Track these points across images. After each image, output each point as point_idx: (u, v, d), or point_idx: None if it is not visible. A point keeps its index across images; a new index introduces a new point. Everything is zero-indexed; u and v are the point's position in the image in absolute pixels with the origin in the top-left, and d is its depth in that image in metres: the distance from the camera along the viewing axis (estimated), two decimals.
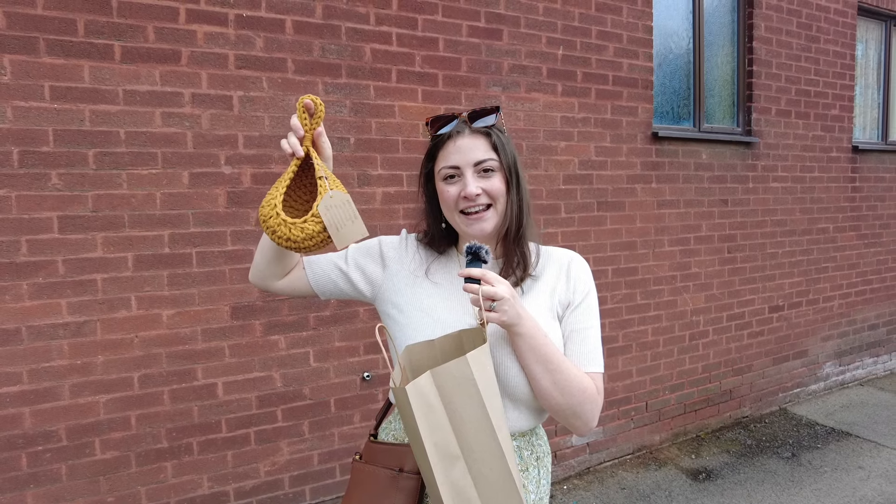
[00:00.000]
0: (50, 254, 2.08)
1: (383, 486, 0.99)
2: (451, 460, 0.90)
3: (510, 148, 1.11)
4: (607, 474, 3.28)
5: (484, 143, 1.08)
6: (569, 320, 1.12)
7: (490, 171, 1.07)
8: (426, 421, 0.88)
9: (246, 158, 2.36)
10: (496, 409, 0.91)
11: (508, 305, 0.96)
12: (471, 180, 1.06)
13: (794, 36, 3.94)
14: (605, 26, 3.16)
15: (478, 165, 1.06)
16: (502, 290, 0.95)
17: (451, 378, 0.89)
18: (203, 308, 2.32)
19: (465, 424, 0.89)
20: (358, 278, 1.18)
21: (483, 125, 1.09)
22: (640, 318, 3.43)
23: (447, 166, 1.08)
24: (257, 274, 1.19)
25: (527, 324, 0.99)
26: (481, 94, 2.82)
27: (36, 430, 2.10)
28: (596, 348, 1.11)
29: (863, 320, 4.64)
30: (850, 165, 4.36)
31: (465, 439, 0.90)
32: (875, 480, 3.14)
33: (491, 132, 1.09)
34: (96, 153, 2.12)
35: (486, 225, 1.08)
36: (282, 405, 2.49)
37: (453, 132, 1.08)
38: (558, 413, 1.05)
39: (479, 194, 1.06)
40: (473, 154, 1.06)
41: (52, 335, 2.10)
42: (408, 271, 1.16)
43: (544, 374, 1.01)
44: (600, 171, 3.21)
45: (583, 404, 1.04)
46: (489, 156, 1.07)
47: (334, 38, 2.47)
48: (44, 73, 2.03)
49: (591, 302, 1.14)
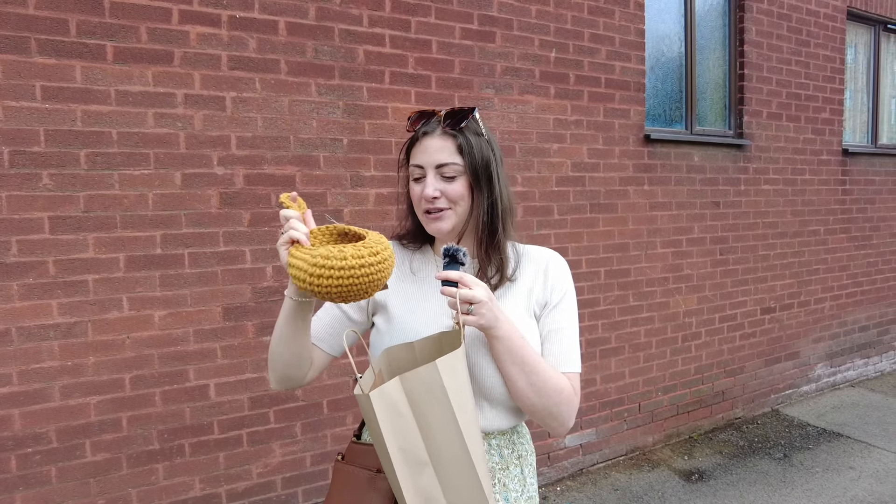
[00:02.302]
0: (41, 254, 2.07)
1: (361, 487, 0.99)
2: (419, 466, 0.89)
3: (481, 151, 1.07)
4: (600, 476, 3.29)
5: (451, 145, 1.06)
6: (546, 320, 1.12)
7: (451, 176, 1.06)
8: (392, 427, 0.87)
9: (239, 159, 2.35)
10: (466, 416, 0.89)
11: (486, 308, 0.95)
12: (430, 182, 1.05)
13: (784, 40, 3.98)
14: (598, 29, 3.18)
15: (439, 168, 1.06)
16: (479, 293, 0.95)
17: (420, 384, 0.88)
18: (195, 309, 2.32)
19: (433, 431, 0.88)
20: (357, 315, 1.17)
21: (453, 127, 1.06)
22: (633, 320, 3.44)
23: (414, 164, 1.09)
24: (286, 377, 1.10)
25: (504, 326, 0.99)
26: (474, 96, 2.83)
27: (26, 432, 2.09)
28: (573, 348, 1.11)
29: (853, 322, 4.67)
30: (841, 168, 4.40)
31: (435, 446, 0.88)
32: (866, 480, 3.16)
33: (458, 135, 1.06)
34: (88, 153, 2.11)
35: (443, 225, 1.07)
36: (274, 407, 2.49)
37: (427, 131, 1.08)
38: (534, 414, 1.05)
39: (438, 197, 1.05)
40: (437, 156, 1.05)
41: (42, 336, 2.09)
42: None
43: (520, 376, 1.01)
44: (593, 174, 3.23)
45: (559, 405, 1.04)
46: (452, 160, 1.05)
47: (327, 40, 2.48)
48: (35, 73, 2.02)
49: (569, 302, 1.14)
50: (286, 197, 0.96)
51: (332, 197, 2.53)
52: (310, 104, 2.46)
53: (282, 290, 2.46)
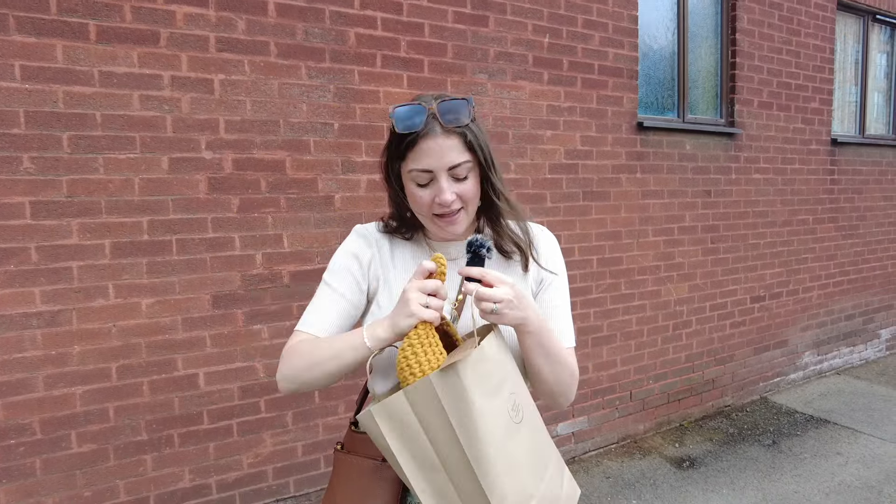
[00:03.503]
0: (22, 240, 2.01)
1: (367, 478, 0.96)
2: (432, 471, 0.88)
3: (483, 139, 1.02)
4: (592, 463, 3.29)
5: (458, 143, 0.98)
6: (542, 297, 1.12)
7: (464, 176, 1.00)
8: (401, 436, 0.87)
9: (227, 143, 2.30)
10: (466, 428, 0.85)
11: (510, 308, 0.90)
12: (445, 186, 0.98)
13: (775, 29, 3.98)
14: (591, 15, 3.15)
15: (452, 170, 0.99)
16: (501, 292, 0.89)
17: (420, 396, 0.85)
18: (183, 297, 2.27)
19: (438, 440, 0.86)
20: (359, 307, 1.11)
21: (456, 124, 0.97)
22: (625, 308, 3.44)
23: (419, 169, 0.98)
24: (303, 389, 1.03)
25: (534, 322, 0.95)
26: (467, 80, 2.79)
27: (8, 424, 2.03)
28: (569, 324, 1.13)
29: (840, 310, 4.73)
30: (829, 158, 4.43)
31: (441, 454, 0.87)
32: (853, 466, 3.19)
33: (465, 131, 0.99)
34: (71, 136, 2.05)
35: (458, 228, 1.04)
36: (265, 396, 2.45)
37: (427, 132, 0.97)
38: (546, 394, 1.06)
39: (454, 200, 1.00)
40: (448, 157, 0.97)
41: (24, 325, 2.03)
42: (378, 264, 1.12)
43: (545, 366, 1.01)
44: (586, 161, 3.21)
45: (570, 385, 1.06)
46: (464, 158, 0.98)
47: (318, 22, 2.42)
48: (14, 51, 1.95)
49: (563, 278, 1.15)
50: (439, 259, 0.92)
51: (322, 183, 2.49)
52: (300, 88, 2.41)
53: (271, 278, 2.42)
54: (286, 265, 2.44)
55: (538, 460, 0.93)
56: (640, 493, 2.97)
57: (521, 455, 0.90)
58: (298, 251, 2.46)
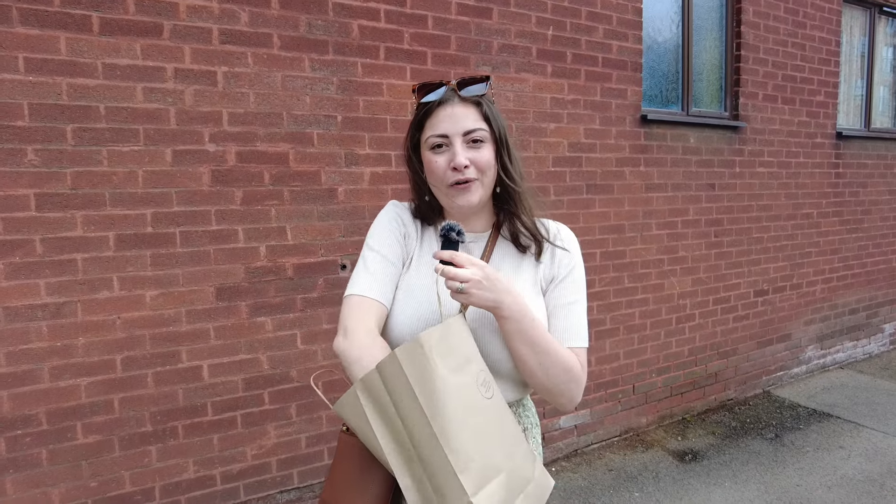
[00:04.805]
0: (27, 232, 2.01)
1: (367, 458, 0.97)
2: (410, 461, 0.88)
3: (500, 118, 1.08)
4: (595, 456, 3.30)
5: (474, 112, 1.04)
6: (553, 294, 1.10)
7: (480, 142, 1.04)
8: (381, 415, 0.89)
9: (231, 136, 2.30)
10: (430, 399, 0.85)
11: (478, 288, 0.92)
12: (460, 150, 1.02)
13: (781, 21, 3.95)
14: (595, 7, 3.13)
15: (467, 135, 1.03)
16: (469, 272, 0.91)
17: (388, 371, 0.87)
18: (187, 289, 2.27)
19: (408, 417, 0.87)
20: (401, 263, 1.13)
21: (473, 94, 1.05)
22: (628, 301, 3.44)
23: (435, 134, 1.04)
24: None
25: (510, 307, 0.96)
26: (471, 74, 2.78)
27: (15, 415, 2.04)
28: (581, 323, 1.09)
29: (844, 305, 4.71)
30: (834, 151, 4.40)
31: (412, 435, 0.87)
32: (855, 459, 3.20)
33: (482, 101, 1.05)
34: (75, 128, 2.05)
35: (472, 196, 1.05)
36: (269, 388, 2.46)
37: (442, 100, 1.04)
38: (542, 391, 1.04)
39: (469, 166, 1.02)
40: (463, 123, 1.03)
41: (30, 317, 2.04)
42: (413, 241, 1.14)
43: (530, 356, 0.99)
44: (589, 154, 3.20)
45: (567, 384, 1.03)
46: (479, 125, 1.04)
47: (321, 14, 2.42)
48: (17, 44, 1.95)
49: (577, 276, 1.12)
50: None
51: (326, 175, 2.49)
52: (303, 80, 2.40)
53: (275, 270, 2.42)
54: (289, 258, 2.45)
55: (508, 437, 0.93)
56: (642, 486, 2.98)
57: (491, 429, 0.90)
58: (302, 244, 2.47)
